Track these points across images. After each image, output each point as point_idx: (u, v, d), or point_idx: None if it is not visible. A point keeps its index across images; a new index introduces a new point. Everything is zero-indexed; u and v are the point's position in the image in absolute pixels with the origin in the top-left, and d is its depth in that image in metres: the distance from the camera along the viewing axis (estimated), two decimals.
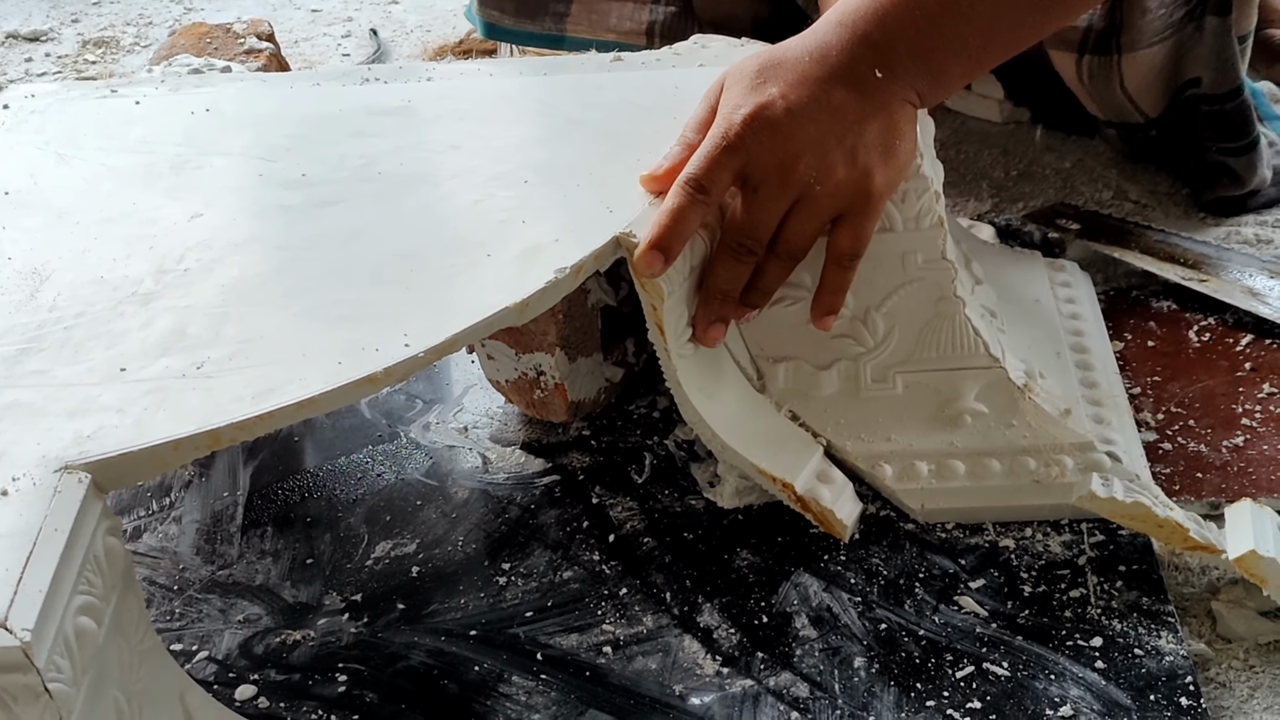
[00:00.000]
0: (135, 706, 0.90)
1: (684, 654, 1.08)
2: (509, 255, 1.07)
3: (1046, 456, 1.16)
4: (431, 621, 1.12)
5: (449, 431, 1.30)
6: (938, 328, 1.18)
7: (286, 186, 1.16)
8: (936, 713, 1.01)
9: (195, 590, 1.16)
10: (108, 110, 1.27)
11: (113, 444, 0.93)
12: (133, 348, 1.01)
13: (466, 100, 1.27)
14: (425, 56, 1.86)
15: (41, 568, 0.85)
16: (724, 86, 1.13)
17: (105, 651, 0.88)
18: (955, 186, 1.53)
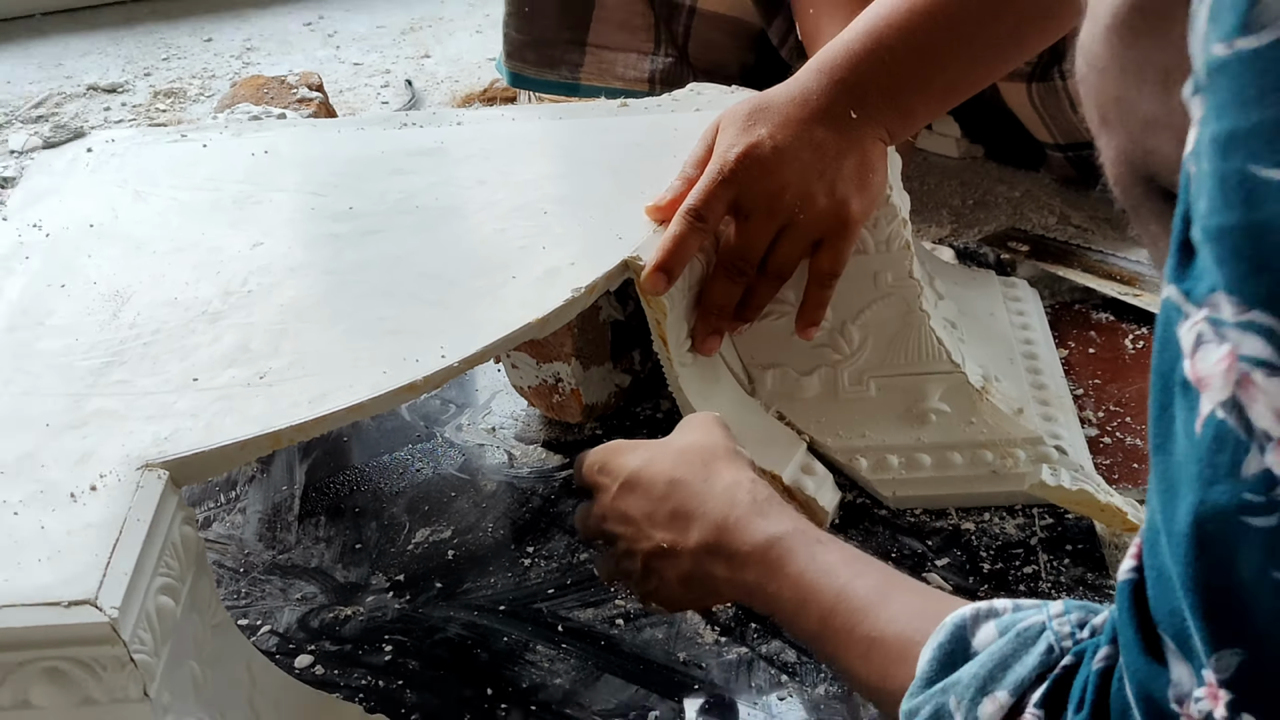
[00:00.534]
0: (207, 674, 0.91)
1: (686, 625, 1.08)
2: (531, 277, 1.08)
3: (1002, 450, 1.16)
4: (465, 598, 1.12)
5: (479, 432, 1.30)
6: (906, 338, 1.18)
7: (335, 218, 1.16)
8: None
9: (258, 572, 1.16)
10: (178, 152, 1.27)
11: (187, 445, 0.93)
12: (203, 360, 1.01)
13: (491, 142, 1.27)
14: (454, 104, 1.86)
15: (126, 553, 0.85)
16: (719, 128, 1.12)
17: (182, 626, 0.89)
18: (919, 214, 1.53)
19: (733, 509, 0.89)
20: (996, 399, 1.18)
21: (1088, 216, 1.53)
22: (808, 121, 1.10)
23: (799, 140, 1.09)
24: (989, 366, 1.22)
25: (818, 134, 1.10)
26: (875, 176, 1.12)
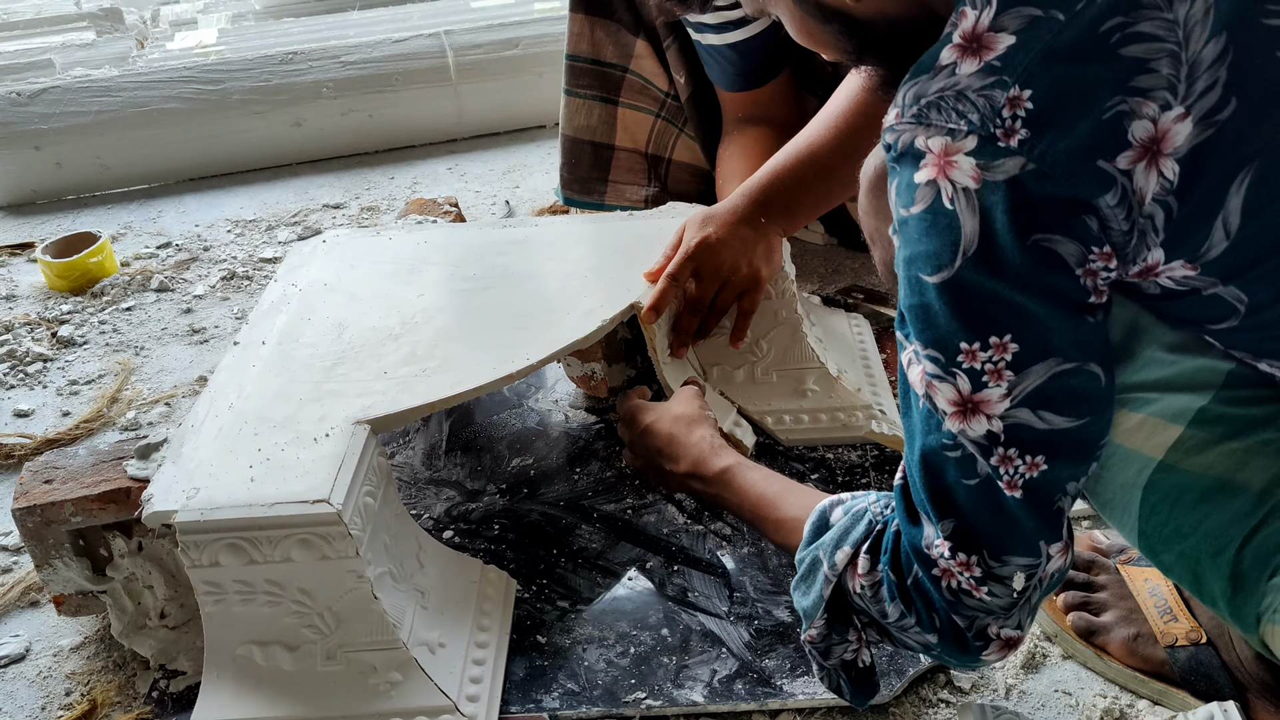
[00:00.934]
0: (394, 542, 0.91)
1: (668, 513, 1.08)
2: (577, 314, 1.07)
3: (849, 412, 1.16)
4: (541, 498, 1.12)
5: (548, 402, 1.29)
6: (794, 348, 1.18)
7: (465, 280, 1.16)
8: None
9: (421, 483, 1.16)
10: (375, 243, 1.27)
11: (381, 410, 0.93)
12: (390, 361, 1.01)
13: (554, 236, 1.26)
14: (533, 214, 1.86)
15: (346, 473, 0.85)
16: (685, 227, 1.12)
17: (378, 514, 0.89)
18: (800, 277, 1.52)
19: (701, 451, 0.92)
20: (846, 383, 1.18)
21: None
22: (736, 224, 1.10)
23: (731, 235, 1.10)
24: (842, 364, 1.22)
25: (742, 231, 1.10)
26: (775, 255, 1.12)
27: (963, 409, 0.60)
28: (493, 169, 2.10)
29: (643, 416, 1.00)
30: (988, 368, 0.59)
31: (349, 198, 2.00)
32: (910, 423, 0.65)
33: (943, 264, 0.59)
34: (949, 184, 0.58)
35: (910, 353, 0.63)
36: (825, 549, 0.72)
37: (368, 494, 0.87)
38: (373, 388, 0.96)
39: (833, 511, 0.74)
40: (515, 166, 2.10)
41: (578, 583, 1.00)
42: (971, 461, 0.62)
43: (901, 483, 0.67)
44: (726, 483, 0.88)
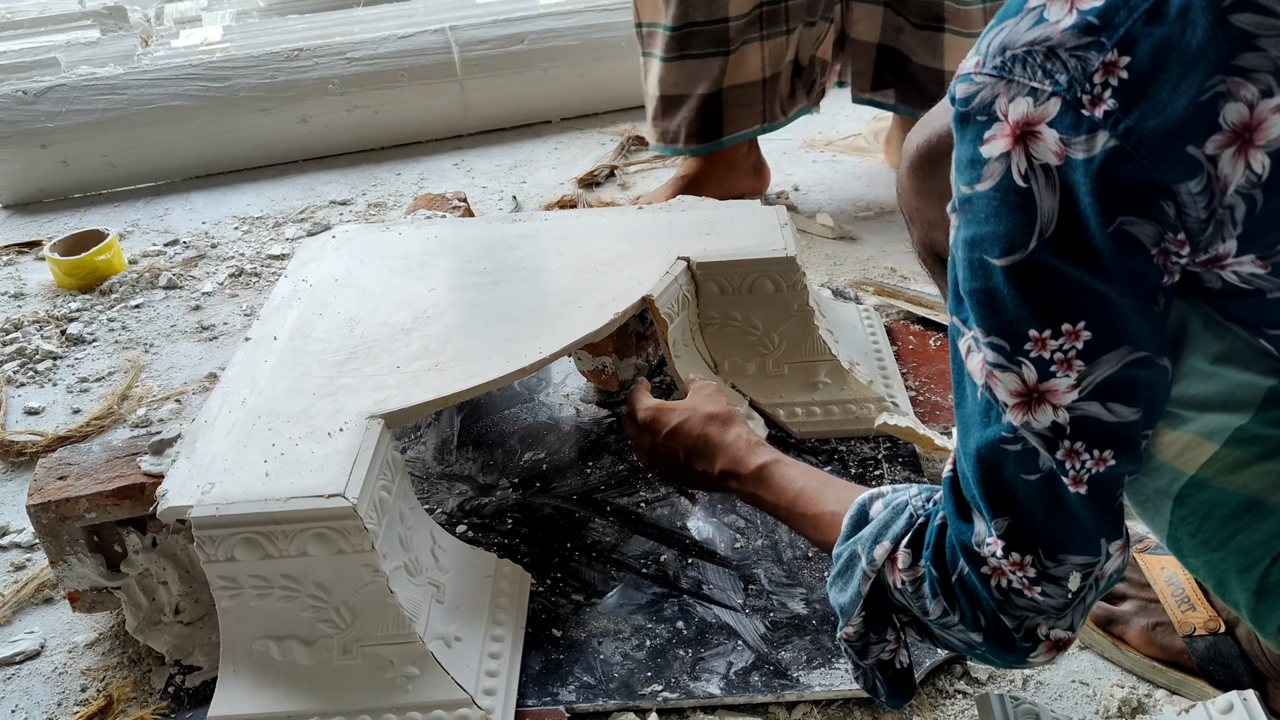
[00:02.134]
0: (408, 535, 0.91)
1: (682, 506, 1.08)
2: (590, 306, 1.07)
3: (861, 405, 1.16)
4: (554, 492, 1.12)
5: (559, 396, 1.29)
6: (805, 340, 1.18)
7: (475, 274, 1.16)
8: None
9: (434, 478, 1.16)
10: (384, 238, 1.27)
11: (394, 404, 0.93)
12: (402, 356, 1.01)
13: (565, 230, 1.27)
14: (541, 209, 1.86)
15: (361, 467, 0.85)
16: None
17: (393, 508, 0.89)
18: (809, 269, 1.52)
19: (738, 451, 0.89)
20: (858, 375, 1.18)
21: (907, 269, 1.53)
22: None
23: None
24: (853, 356, 1.22)
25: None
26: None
27: (1027, 400, 0.57)
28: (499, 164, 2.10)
29: (667, 418, 0.95)
30: (1057, 356, 0.56)
31: (356, 194, 2.00)
32: (964, 414, 0.62)
33: (1015, 246, 0.55)
34: (1024, 159, 0.54)
35: (969, 340, 0.59)
36: (864, 543, 0.69)
37: (382, 488, 0.87)
38: (385, 382, 0.96)
39: (872, 505, 0.72)
40: (522, 162, 2.10)
41: (592, 576, 1.00)
42: (1033, 456, 0.59)
43: (951, 476, 0.64)
44: (764, 479, 0.85)
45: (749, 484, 0.87)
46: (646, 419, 0.97)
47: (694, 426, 0.93)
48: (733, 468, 0.89)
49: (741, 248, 1.17)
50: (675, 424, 0.94)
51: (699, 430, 0.92)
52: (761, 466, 0.86)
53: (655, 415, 0.96)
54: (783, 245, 1.17)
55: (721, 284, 1.16)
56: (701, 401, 0.96)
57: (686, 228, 1.24)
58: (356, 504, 0.81)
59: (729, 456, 0.89)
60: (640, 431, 0.98)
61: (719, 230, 1.23)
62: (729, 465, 0.89)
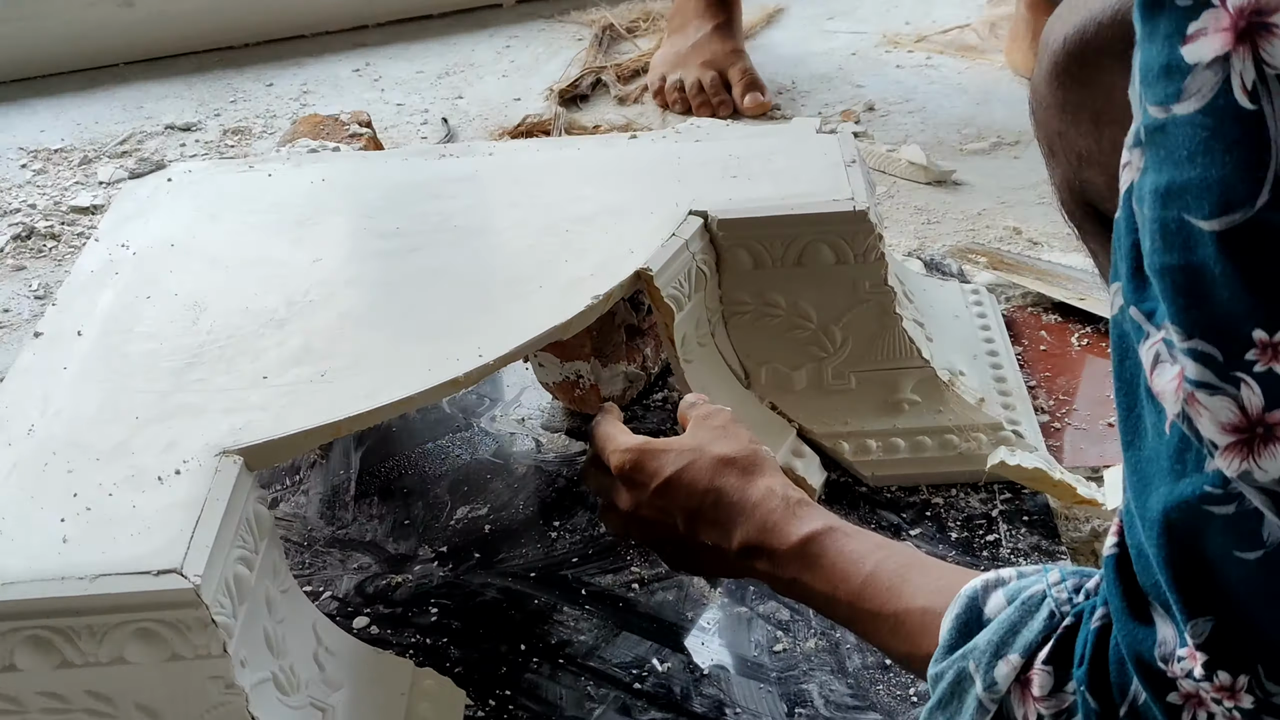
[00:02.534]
0: (279, 633, 0.91)
1: (693, 589, 1.08)
2: (555, 287, 1.07)
3: (966, 434, 1.16)
4: (500, 567, 1.12)
5: (510, 422, 1.29)
6: (882, 337, 1.18)
7: (383, 237, 1.16)
8: None
9: (320, 545, 1.16)
10: (246, 181, 1.27)
11: (259, 434, 0.93)
12: (272, 361, 1.01)
13: (520, 170, 1.27)
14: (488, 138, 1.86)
15: (207, 528, 0.85)
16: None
17: (256, 592, 0.89)
18: (890, 230, 1.53)
19: (770, 514, 0.88)
20: (961, 390, 1.18)
21: (1040, 230, 1.53)
22: None
23: None
24: (954, 362, 1.22)
25: None
26: None
27: (1248, 438, 0.55)
28: (422, 71, 2.10)
29: (656, 463, 0.94)
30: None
31: (205, 115, 2.00)
32: (1141, 457, 0.60)
33: (1234, 201, 0.53)
34: (1251, 65, 0.52)
35: (1156, 345, 0.58)
36: (979, 658, 0.68)
37: (240, 561, 0.87)
38: (246, 400, 0.96)
39: (988, 598, 0.71)
40: (457, 66, 2.11)
41: (559, 694, 1.00)
42: (1253, 523, 0.56)
43: (1117, 552, 0.63)
44: (812, 558, 0.84)
45: (788, 564, 0.86)
46: (624, 465, 0.95)
47: (700, 477, 0.92)
48: (762, 540, 0.88)
49: (787, 196, 1.17)
50: (671, 473, 0.93)
51: (708, 482, 0.92)
52: (808, 539, 0.85)
53: (638, 460, 0.95)
54: (848, 193, 1.17)
55: (756, 252, 1.16)
56: (709, 438, 0.95)
57: (703, 165, 1.24)
58: (200, 585, 0.81)
59: (756, 522, 0.88)
60: (613, 485, 0.97)
61: (752, 169, 1.22)
62: (756, 536, 0.88)
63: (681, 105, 1.91)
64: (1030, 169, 1.63)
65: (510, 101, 1.98)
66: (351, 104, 1.98)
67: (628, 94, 1.96)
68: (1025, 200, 1.60)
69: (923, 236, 1.55)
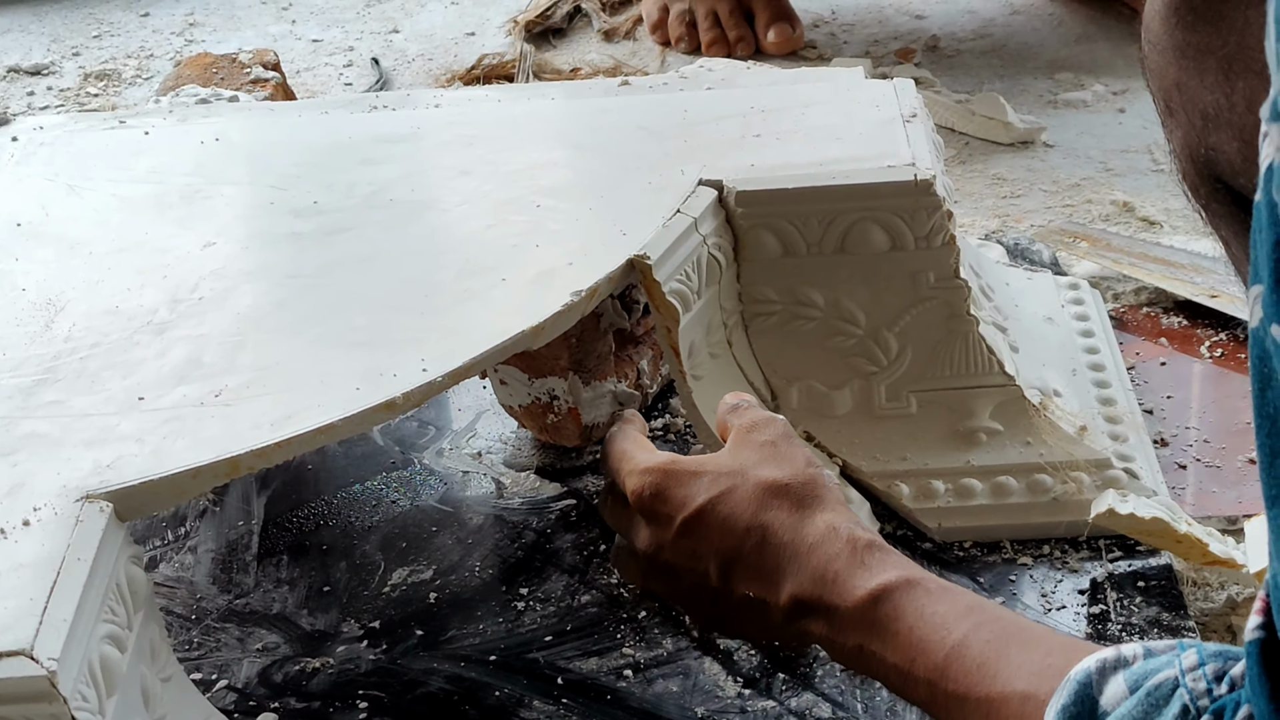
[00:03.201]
0: None
1: (704, 676, 1.08)
2: (523, 279, 1.08)
3: (1063, 474, 1.16)
4: (450, 647, 1.12)
5: (462, 457, 1.29)
6: (951, 346, 1.18)
7: (297, 214, 1.16)
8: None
9: (213, 619, 1.16)
10: (116, 141, 1.27)
11: (132, 473, 0.93)
12: (149, 377, 1.01)
13: (475, 126, 1.27)
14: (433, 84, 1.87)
15: (66, 597, 0.85)
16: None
17: (129, 679, 0.88)
18: (963, 206, 1.53)
19: (831, 561, 0.89)
20: (1056, 415, 1.18)
21: (1157, 207, 1.53)
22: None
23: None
24: (1047, 379, 1.22)
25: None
26: None
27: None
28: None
29: (687, 490, 0.95)
30: None
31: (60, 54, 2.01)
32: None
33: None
34: None
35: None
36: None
37: (108, 640, 0.87)
38: (115, 429, 0.96)
39: (1105, 684, 0.71)
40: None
41: None
42: None
43: (1263, 635, 0.63)
44: (884, 623, 0.85)
45: (852, 628, 0.87)
46: (643, 492, 0.96)
47: (741, 509, 0.93)
48: (820, 595, 0.89)
49: (826, 162, 1.18)
50: (702, 503, 0.94)
51: (751, 517, 0.93)
52: (878, 596, 0.86)
53: (660, 486, 0.96)
54: (908, 157, 1.18)
55: (786, 235, 1.17)
56: (754, 458, 0.96)
57: (717, 122, 1.24)
58: (56, 671, 0.81)
59: (812, 571, 0.89)
60: (632, 519, 0.99)
61: (781, 126, 1.23)
62: (811, 589, 0.89)
63: (688, 42, 1.92)
64: (1143, 127, 1.64)
65: (461, 37, 1.99)
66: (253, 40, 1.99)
67: (616, 27, 1.97)
68: (1137, 168, 1.60)
69: (1004, 214, 1.55)
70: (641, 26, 1.96)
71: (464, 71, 1.87)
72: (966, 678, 0.80)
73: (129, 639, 0.89)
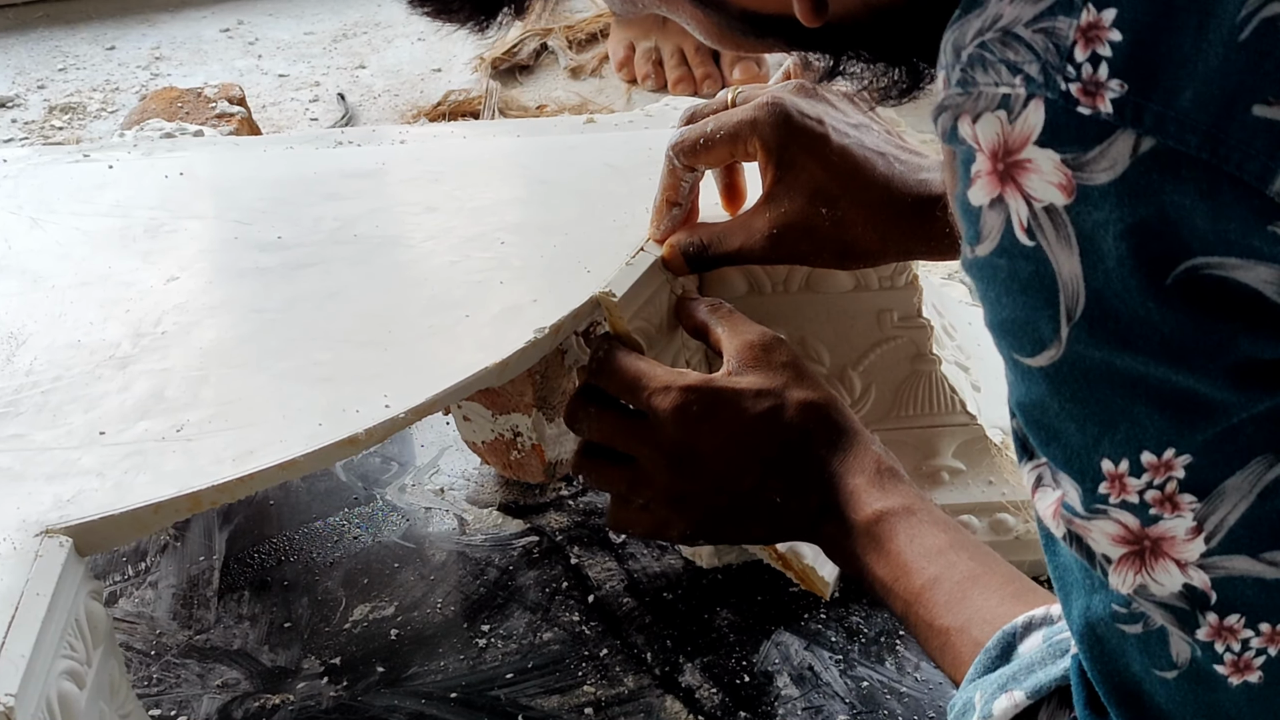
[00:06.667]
0: None
1: (666, 714, 1.08)
2: (487, 316, 1.08)
3: (1025, 513, 1.17)
4: (411, 684, 1.12)
5: (425, 493, 1.29)
6: (915, 385, 1.19)
7: (262, 249, 1.16)
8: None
9: (173, 655, 1.15)
10: (80, 175, 1.27)
11: (93, 507, 0.92)
12: (111, 411, 1.00)
13: (440, 163, 1.27)
14: (399, 120, 1.87)
15: (24, 632, 0.84)
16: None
17: (88, 716, 0.88)
18: None
19: (855, 476, 0.98)
20: None
21: None
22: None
23: None
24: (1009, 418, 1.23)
25: None
26: None
27: (1138, 551, 0.66)
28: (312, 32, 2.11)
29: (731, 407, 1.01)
30: (1151, 496, 0.64)
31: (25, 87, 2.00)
32: (1059, 564, 0.71)
33: (1043, 339, 0.64)
34: (1023, 203, 0.62)
35: (1037, 469, 0.69)
36: (986, 688, 0.79)
37: (67, 675, 0.86)
38: (76, 463, 0.96)
39: (1027, 636, 0.81)
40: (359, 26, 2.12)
41: None
42: (1162, 642, 0.67)
43: (1078, 659, 0.72)
44: (880, 542, 0.95)
45: (855, 539, 0.97)
46: (691, 406, 1.01)
47: (788, 424, 1.01)
48: (839, 504, 0.98)
49: None
50: (753, 416, 1.01)
51: (799, 433, 1.01)
52: (881, 517, 0.96)
53: (711, 400, 1.01)
54: None
55: (751, 272, 1.17)
56: (782, 378, 1.03)
57: None
58: (14, 708, 0.81)
59: (840, 482, 0.99)
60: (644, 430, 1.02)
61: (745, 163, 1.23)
62: (835, 498, 0.98)
63: (655, 80, 1.92)
64: None
65: (428, 73, 1.99)
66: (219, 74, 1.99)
67: (582, 64, 1.98)
68: None
69: None
70: (608, 64, 1.97)
71: (430, 108, 1.87)
72: (934, 608, 0.89)
73: (88, 675, 0.88)
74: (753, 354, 1.04)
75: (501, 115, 1.84)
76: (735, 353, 1.04)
